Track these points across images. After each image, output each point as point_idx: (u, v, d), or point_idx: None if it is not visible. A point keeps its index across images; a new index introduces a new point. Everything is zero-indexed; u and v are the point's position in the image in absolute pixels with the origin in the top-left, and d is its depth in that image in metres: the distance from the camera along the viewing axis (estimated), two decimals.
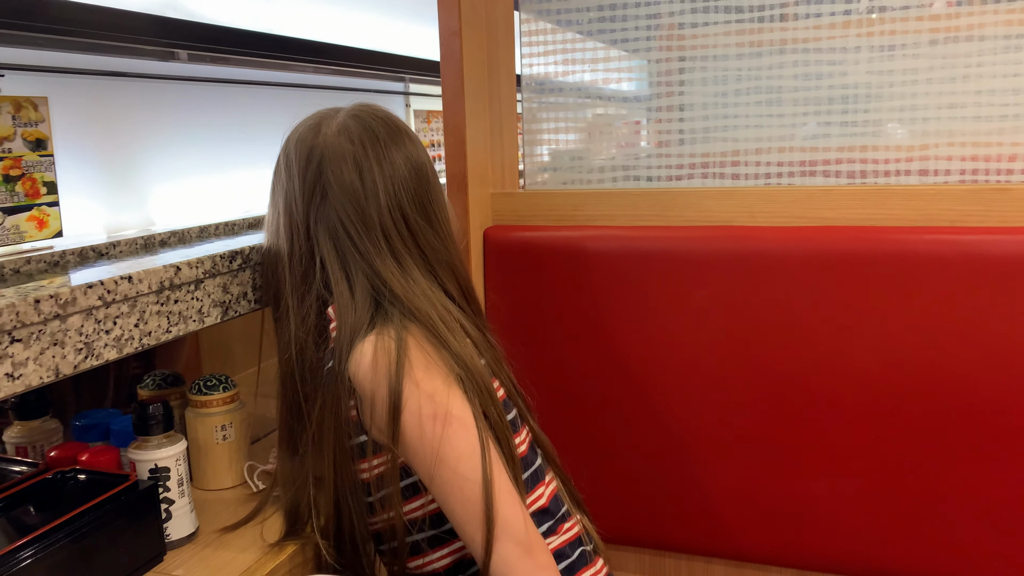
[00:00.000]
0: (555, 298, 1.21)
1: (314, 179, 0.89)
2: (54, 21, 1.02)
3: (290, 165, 0.91)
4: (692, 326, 1.14)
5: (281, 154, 0.94)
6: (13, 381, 0.74)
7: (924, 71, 1.10)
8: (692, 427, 1.16)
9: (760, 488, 1.14)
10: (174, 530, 0.93)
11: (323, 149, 0.89)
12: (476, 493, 0.79)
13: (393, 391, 0.79)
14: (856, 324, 1.06)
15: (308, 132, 0.92)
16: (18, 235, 1.03)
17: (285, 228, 0.92)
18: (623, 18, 1.25)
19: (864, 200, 1.09)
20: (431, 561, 0.89)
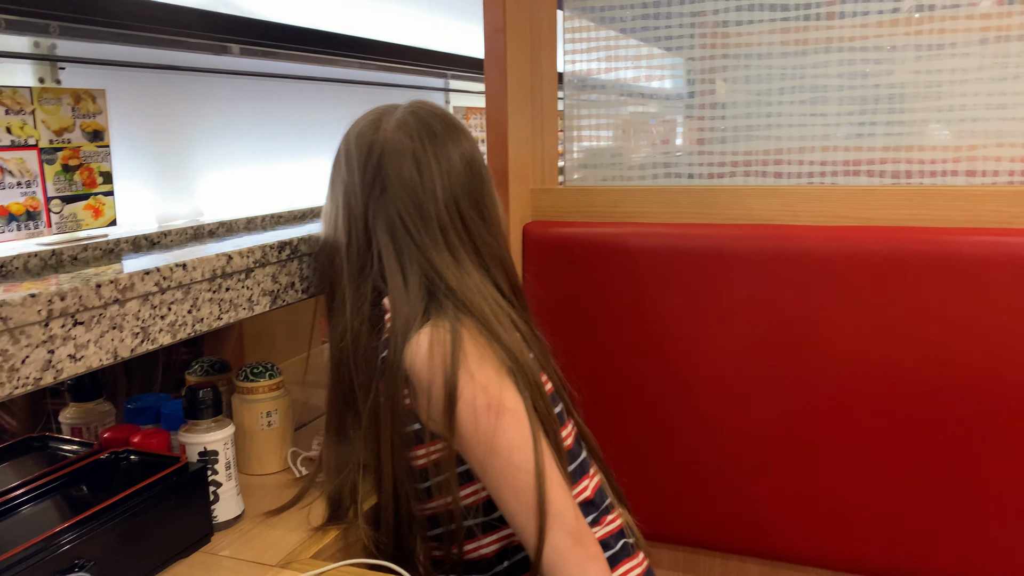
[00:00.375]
0: (594, 294, 1.22)
1: (374, 173, 0.91)
2: (113, 15, 1.05)
3: (350, 159, 0.93)
4: (732, 324, 1.14)
5: (341, 148, 0.96)
6: (75, 362, 0.77)
7: (973, 71, 1.09)
8: (730, 425, 1.16)
9: (797, 488, 1.14)
10: (221, 512, 0.95)
11: (383, 144, 0.91)
12: (528, 483, 0.80)
13: (448, 382, 0.81)
14: (899, 326, 1.05)
15: (368, 127, 0.93)
16: (75, 223, 1.07)
17: (344, 220, 0.94)
18: (666, 15, 1.25)
19: (909, 201, 1.08)
20: (480, 547, 0.91)
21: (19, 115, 0.99)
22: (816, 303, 1.09)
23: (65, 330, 0.76)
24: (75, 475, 0.90)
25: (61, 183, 1.04)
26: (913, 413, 1.06)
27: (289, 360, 1.57)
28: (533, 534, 0.80)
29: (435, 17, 1.96)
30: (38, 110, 1.01)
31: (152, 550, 0.85)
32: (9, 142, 0.98)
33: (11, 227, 0.99)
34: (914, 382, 1.05)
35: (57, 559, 0.74)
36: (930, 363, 1.04)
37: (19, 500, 0.84)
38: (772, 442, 1.14)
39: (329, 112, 1.65)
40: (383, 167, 0.90)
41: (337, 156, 0.96)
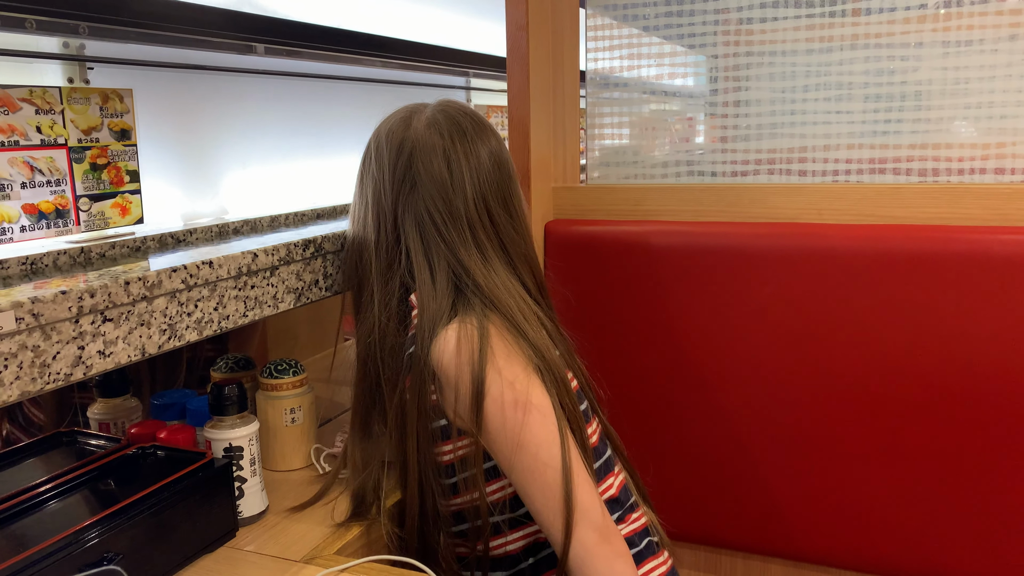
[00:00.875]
0: (616, 292, 1.22)
1: (404, 170, 0.91)
2: (140, 16, 1.06)
3: (380, 156, 0.94)
4: (756, 323, 1.13)
5: (370, 145, 0.96)
6: (104, 358, 0.78)
7: (1002, 67, 1.08)
8: (753, 425, 1.16)
9: (821, 488, 1.13)
10: (246, 507, 0.96)
11: (414, 142, 0.92)
12: (556, 480, 0.80)
13: (476, 378, 0.81)
14: (927, 325, 1.04)
15: (398, 125, 0.94)
16: (103, 221, 1.08)
17: (373, 217, 0.95)
18: (689, 13, 1.24)
19: (936, 199, 1.07)
20: (506, 543, 0.91)
21: (49, 114, 1.00)
22: (841, 302, 1.08)
23: (95, 326, 0.78)
24: (103, 470, 0.91)
25: (89, 181, 1.06)
26: (940, 413, 1.05)
27: (313, 357, 1.58)
28: (560, 530, 0.80)
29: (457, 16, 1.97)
30: (67, 109, 1.02)
31: (178, 544, 0.86)
32: (39, 141, 0.99)
33: (41, 225, 1.00)
34: (942, 382, 1.04)
35: (85, 553, 0.76)
36: (958, 363, 1.03)
37: (49, 494, 0.85)
38: (796, 442, 1.13)
39: (352, 110, 1.66)
40: (413, 164, 0.91)
41: (366, 153, 0.97)
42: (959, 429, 1.04)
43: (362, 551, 0.95)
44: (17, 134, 0.97)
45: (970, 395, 1.03)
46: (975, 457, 1.04)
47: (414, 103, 0.98)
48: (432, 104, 0.96)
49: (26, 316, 0.72)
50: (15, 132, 0.97)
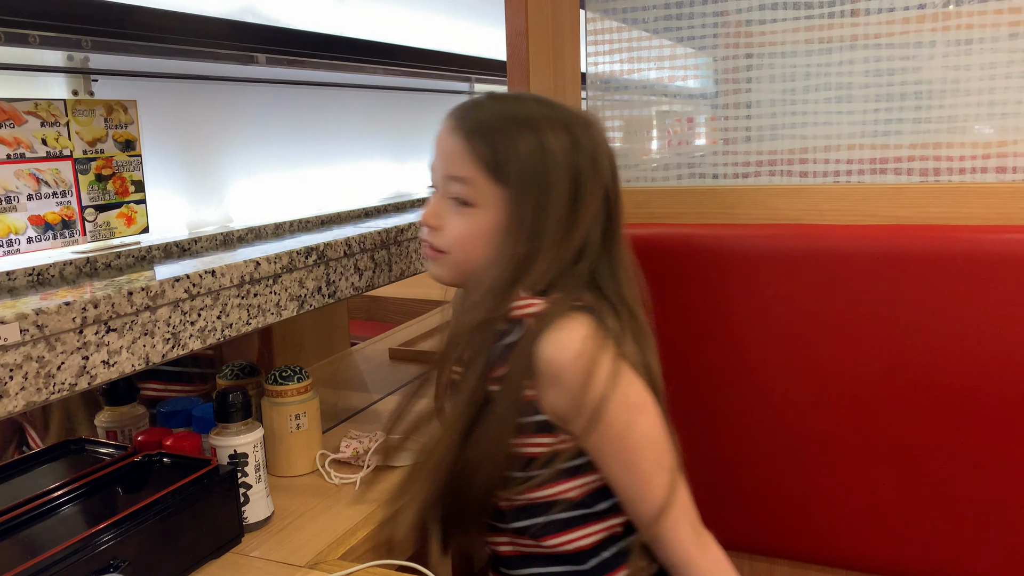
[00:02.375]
0: None
1: (587, 167, 0.88)
2: (143, 28, 1.07)
3: (558, 152, 0.87)
4: (758, 325, 1.13)
5: (548, 141, 0.87)
6: (108, 368, 0.79)
7: (1003, 65, 1.07)
8: (758, 426, 1.15)
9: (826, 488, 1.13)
10: (251, 514, 0.97)
11: (595, 143, 0.89)
12: (663, 480, 0.84)
13: (596, 376, 0.82)
14: (929, 325, 1.04)
15: (575, 120, 0.89)
16: (109, 231, 1.09)
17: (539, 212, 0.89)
18: (689, 15, 1.25)
19: (938, 198, 1.07)
20: (578, 538, 0.90)
21: (54, 127, 1.02)
22: (844, 303, 1.08)
23: (99, 337, 0.79)
24: (110, 477, 0.92)
25: (95, 192, 1.07)
26: (944, 413, 1.04)
27: (318, 363, 1.60)
28: (660, 526, 0.85)
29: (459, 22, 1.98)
30: (72, 121, 1.04)
31: (184, 551, 0.87)
32: (45, 153, 1.01)
33: (47, 236, 1.01)
34: (945, 382, 1.04)
35: (93, 559, 0.77)
36: (962, 363, 1.03)
37: (56, 502, 0.86)
38: (801, 443, 1.13)
39: (354, 117, 1.67)
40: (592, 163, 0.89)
41: (536, 149, 0.87)
42: (964, 428, 1.03)
43: (367, 556, 0.96)
44: (23, 147, 0.99)
45: (975, 394, 1.03)
46: (981, 456, 1.03)
47: (538, 103, 0.91)
48: (560, 103, 0.93)
49: (30, 327, 0.73)
50: (21, 145, 0.98)
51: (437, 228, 0.89)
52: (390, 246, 1.29)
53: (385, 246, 1.27)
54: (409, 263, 1.36)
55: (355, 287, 1.19)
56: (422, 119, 1.93)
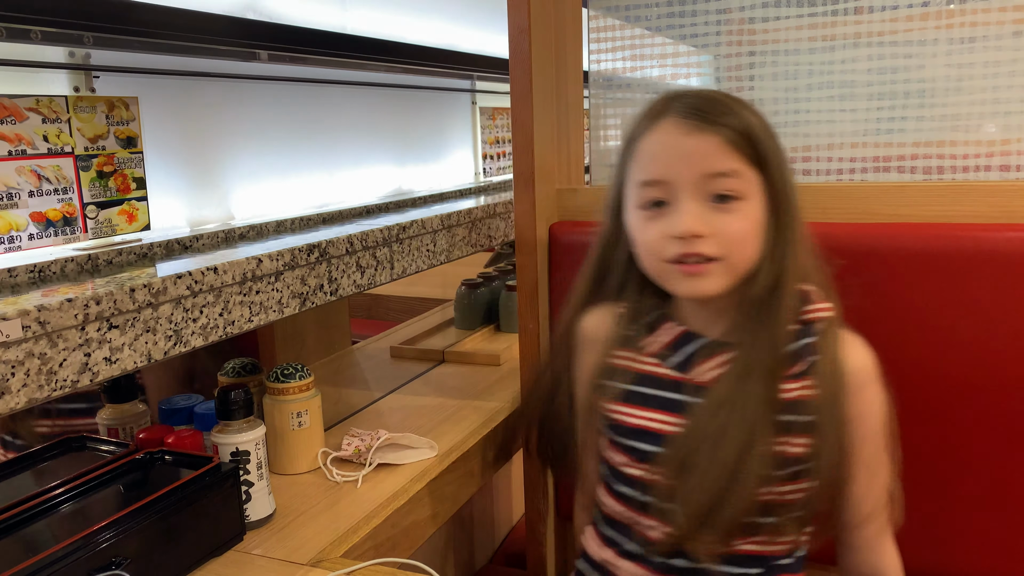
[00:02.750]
0: None
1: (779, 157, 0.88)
2: (145, 24, 1.07)
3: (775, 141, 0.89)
4: None
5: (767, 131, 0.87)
6: (111, 365, 0.79)
7: (1007, 64, 1.07)
8: None
9: None
10: (253, 511, 0.97)
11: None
12: (888, 480, 0.91)
13: (881, 382, 0.88)
14: (932, 323, 1.04)
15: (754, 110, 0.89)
16: (110, 228, 1.09)
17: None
18: (692, 13, 1.24)
19: (941, 197, 1.06)
20: (796, 541, 0.91)
21: (55, 123, 1.02)
22: (846, 301, 1.08)
23: (101, 333, 0.78)
24: (112, 475, 0.92)
25: (96, 189, 1.07)
26: (945, 411, 1.04)
27: (319, 361, 1.59)
28: (879, 528, 0.92)
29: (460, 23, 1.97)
30: (73, 118, 1.03)
31: (186, 548, 0.87)
32: (46, 150, 1.01)
33: (49, 233, 1.01)
34: (948, 380, 1.04)
35: (94, 557, 0.76)
36: (965, 361, 1.03)
37: (58, 500, 0.86)
38: None
39: (356, 115, 1.67)
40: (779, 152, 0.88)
41: (764, 135, 0.86)
42: (968, 428, 1.03)
43: (369, 554, 0.96)
44: (24, 143, 0.98)
45: (978, 393, 1.02)
46: (985, 456, 1.03)
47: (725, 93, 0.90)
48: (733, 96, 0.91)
49: (32, 324, 0.73)
50: (22, 141, 0.98)
51: (708, 234, 0.82)
52: (392, 243, 1.29)
53: (387, 243, 1.27)
54: (411, 261, 1.36)
55: (357, 284, 1.19)
56: (424, 117, 1.93)
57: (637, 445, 0.90)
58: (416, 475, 1.10)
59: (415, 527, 1.06)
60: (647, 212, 0.86)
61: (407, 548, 1.03)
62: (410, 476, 1.09)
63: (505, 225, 1.71)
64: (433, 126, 1.96)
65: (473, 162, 2.19)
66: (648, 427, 0.89)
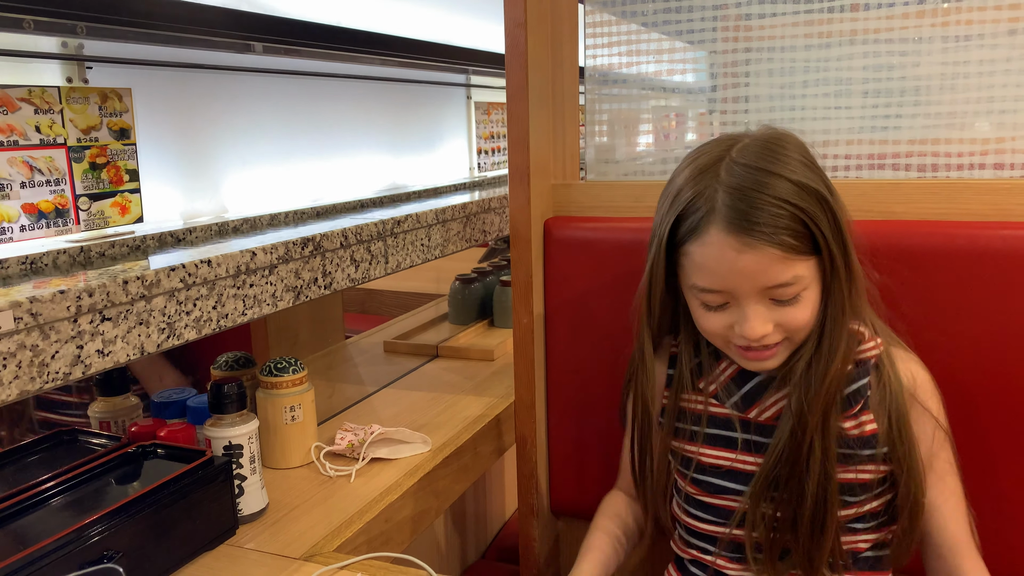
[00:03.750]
0: (613, 288, 1.22)
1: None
2: (138, 15, 1.06)
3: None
4: None
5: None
6: (103, 357, 0.78)
7: (1002, 62, 1.07)
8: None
9: None
10: (246, 505, 0.97)
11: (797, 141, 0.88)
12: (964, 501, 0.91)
13: (936, 398, 0.91)
14: (926, 321, 1.04)
15: (781, 139, 0.87)
16: (103, 220, 1.08)
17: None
18: (688, 9, 1.24)
19: (935, 194, 1.07)
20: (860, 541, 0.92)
21: (48, 114, 1.01)
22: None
23: (93, 326, 0.78)
24: (103, 468, 0.92)
25: (89, 181, 1.06)
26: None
27: (312, 355, 1.59)
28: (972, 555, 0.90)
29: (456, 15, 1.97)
30: (66, 109, 1.03)
31: (178, 542, 0.87)
32: (38, 141, 1.00)
33: (40, 224, 1.01)
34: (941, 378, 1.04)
35: (85, 551, 0.76)
36: (958, 359, 1.03)
37: (49, 493, 0.86)
38: None
39: (351, 109, 1.66)
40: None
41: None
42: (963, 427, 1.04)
43: (362, 548, 0.96)
44: (16, 134, 0.97)
45: (971, 392, 1.03)
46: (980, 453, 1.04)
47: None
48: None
49: (24, 316, 0.72)
50: (14, 132, 0.97)
51: (773, 331, 0.82)
52: (386, 238, 1.28)
53: (381, 237, 1.27)
54: (406, 255, 1.35)
55: (351, 278, 1.18)
56: (419, 111, 1.92)
57: (706, 479, 0.91)
58: (409, 470, 1.09)
59: (408, 522, 1.06)
60: (707, 307, 0.84)
61: (400, 543, 1.03)
62: (403, 471, 1.09)
63: (500, 220, 1.71)
64: (428, 120, 1.96)
65: (468, 157, 2.19)
66: (717, 464, 0.91)
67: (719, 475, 0.90)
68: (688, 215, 0.81)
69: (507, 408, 1.34)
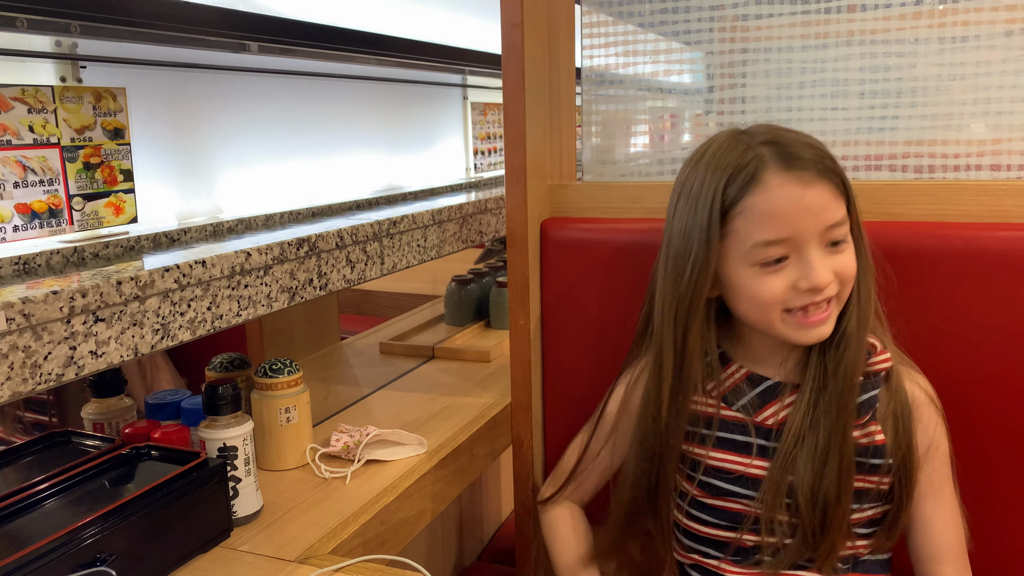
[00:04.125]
0: (610, 288, 1.22)
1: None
2: (133, 14, 1.06)
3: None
4: None
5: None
6: (97, 358, 0.78)
7: (998, 63, 1.07)
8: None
9: None
10: (240, 507, 0.96)
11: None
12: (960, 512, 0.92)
13: (938, 414, 0.91)
14: (923, 321, 1.04)
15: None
16: (96, 220, 1.08)
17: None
18: (685, 10, 1.24)
19: (932, 195, 1.07)
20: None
21: (41, 113, 1.00)
22: None
23: (87, 327, 0.77)
24: (97, 470, 0.91)
25: (83, 181, 1.05)
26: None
27: (308, 357, 1.58)
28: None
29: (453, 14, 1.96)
30: (60, 108, 1.02)
31: (172, 544, 0.86)
32: (32, 140, 0.99)
33: (34, 224, 1.00)
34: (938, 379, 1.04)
35: (79, 553, 0.75)
36: (953, 359, 1.03)
37: (43, 495, 0.85)
38: None
39: (347, 109, 1.66)
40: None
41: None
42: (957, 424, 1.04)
43: (358, 551, 0.95)
44: (9, 133, 0.97)
45: (966, 390, 1.03)
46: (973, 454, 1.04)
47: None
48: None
49: (17, 316, 0.72)
50: (7, 131, 0.97)
51: (833, 280, 0.83)
52: (382, 238, 1.28)
53: (377, 238, 1.26)
54: (401, 256, 1.35)
55: (347, 279, 1.18)
56: (415, 111, 1.92)
57: (713, 483, 0.91)
58: (405, 472, 1.09)
59: (404, 524, 1.05)
60: (767, 268, 0.83)
61: (396, 545, 1.03)
62: (399, 473, 1.09)
63: (496, 221, 1.70)
64: (424, 121, 1.95)
65: (464, 157, 2.18)
66: (726, 468, 0.91)
67: (728, 480, 0.90)
68: (738, 174, 0.83)
69: (503, 410, 1.33)
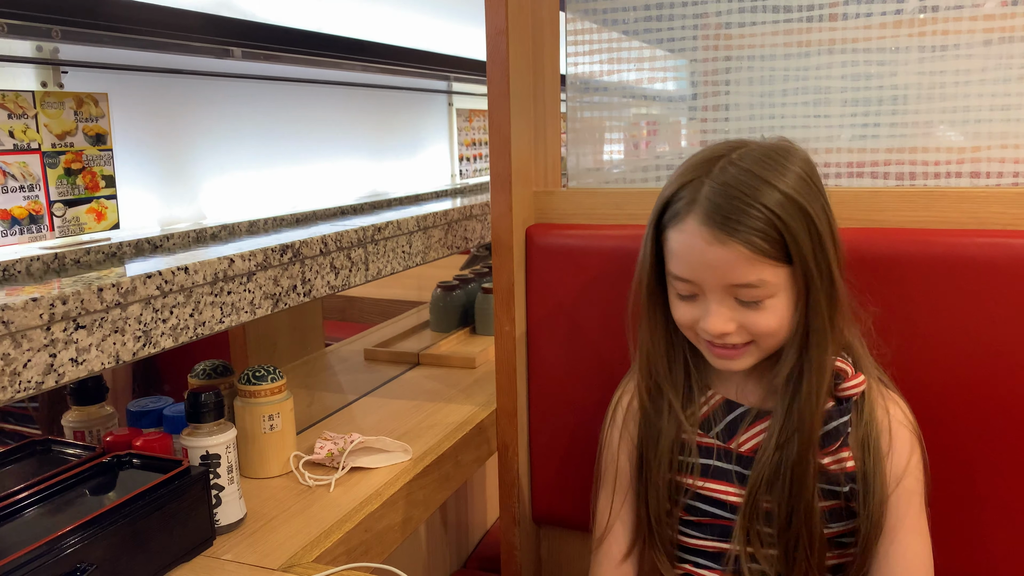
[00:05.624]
0: (594, 295, 1.22)
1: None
2: (115, 19, 1.05)
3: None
4: None
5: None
6: (77, 366, 0.77)
7: (977, 72, 1.09)
8: None
9: None
10: (223, 516, 0.95)
11: (805, 163, 0.89)
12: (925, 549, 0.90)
13: (914, 443, 0.90)
14: (903, 328, 1.05)
15: (783, 152, 0.87)
16: (78, 227, 1.07)
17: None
18: (669, 17, 1.25)
19: (913, 202, 1.08)
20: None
21: (22, 119, 0.99)
22: None
23: (67, 334, 0.77)
24: (77, 479, 0.90)
25: (64, 187, 1.04)
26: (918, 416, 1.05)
27: (292, 363, 1.58)
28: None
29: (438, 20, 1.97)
30: (41, 114, 1.01)
31: (154, 554, 0.85)
32: (12, 146, 0.98)
33: (14, 231, 0.99)
34: (919, 385, 1.05)
35: (59, 563, 0.75)
36: (934, 365, 1.04)
37: (22, 504, 0.84)
38: None
39: (331, 115, 1.66)
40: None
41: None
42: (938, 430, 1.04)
43: (341, 559, 0.95)
44: None
45: (946, 396, 1.04)
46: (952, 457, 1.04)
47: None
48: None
49: None
50: None
51: (736, 331, 0.83)
52: (367, 244, 1.28)
53: (362, 244, 1.26)
54: (386, 262, 1.34)
55: (331, 286, 1.18)
56: (400, 117, 1.91)
57: (697, 506, 0.92)
58: (390, 479, 1.09)
59: (388, 531, 1.05)
60: (682, 296, 0.86)
61: (380, 553, 1.02)
62: (384, 480, 1.08)
63: (481, 227, 1.70)
64: (409, 127, 1.95)
65: (449, 163, 2.18)
66: (704, 493, 0.91)
67: (712, 503, 0.91)
68: (674, 202, 0.84)
69: (489, 416, 1.33)
